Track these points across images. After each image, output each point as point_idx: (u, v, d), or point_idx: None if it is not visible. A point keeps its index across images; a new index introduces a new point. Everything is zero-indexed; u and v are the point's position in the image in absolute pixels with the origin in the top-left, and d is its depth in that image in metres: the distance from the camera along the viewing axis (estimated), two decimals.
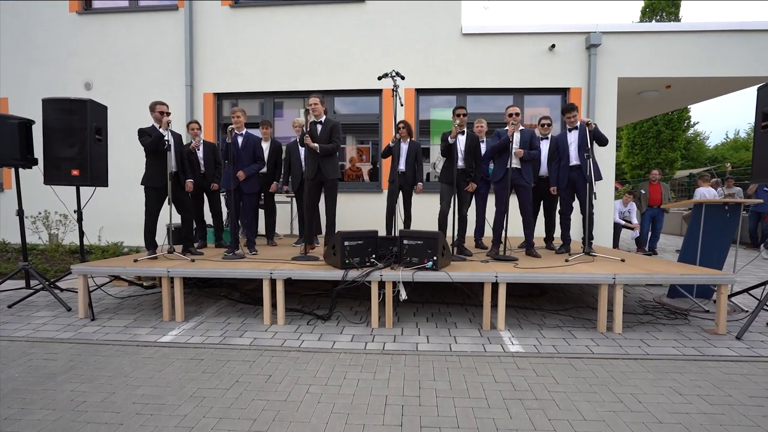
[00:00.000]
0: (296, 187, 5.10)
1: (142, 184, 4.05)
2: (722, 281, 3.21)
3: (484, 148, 4.72)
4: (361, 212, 6.65)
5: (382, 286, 3.34)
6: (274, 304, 3.46)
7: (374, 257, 3.58)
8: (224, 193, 5.00)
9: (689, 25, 6.63)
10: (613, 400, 2.18)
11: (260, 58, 6.90)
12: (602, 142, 4.29)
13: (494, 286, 3.31)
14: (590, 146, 4.16)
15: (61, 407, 2.09)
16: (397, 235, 3.69)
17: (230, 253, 4.06)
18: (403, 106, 4.09)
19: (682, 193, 14.40)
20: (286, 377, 2.44)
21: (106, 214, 6.71)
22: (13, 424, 1.95)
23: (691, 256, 3.95)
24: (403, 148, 4.90)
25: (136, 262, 3.79)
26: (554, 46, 6.51)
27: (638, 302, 4.12)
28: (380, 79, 3.95)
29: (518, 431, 1.89)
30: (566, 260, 3.94)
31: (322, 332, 3.23)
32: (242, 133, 4.43)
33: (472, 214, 4.87)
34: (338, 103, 7.10)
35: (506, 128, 4.23)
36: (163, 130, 3.97)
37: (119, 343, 3.02)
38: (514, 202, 4.59)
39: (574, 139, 4.40)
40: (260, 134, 5.08)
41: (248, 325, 3.41)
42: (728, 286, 3.31)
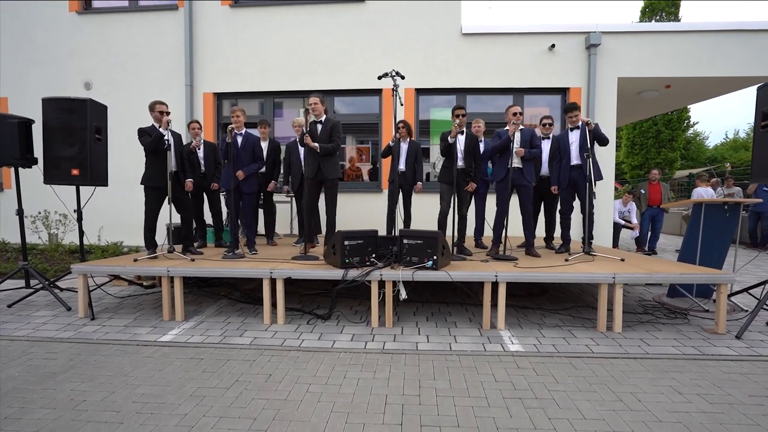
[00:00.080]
0: (296, 186, 5.11)
1: (141, 183, 4.05)
2: (722, 281, 3.22)
3: (482, 148, 4.73)
4: (361, 212, 6.66)
5: (382, 285, 3.34)
6: (274, 303, 3.46)
7: (374, 257, 3.58)
8: (224, 192, 5.01)
9: (689, 25, 6.64)
10: (613, 399, 2.18)
11: (260, 57, 6.90)
12: (603, 141, 4.30)
13: (494, 285, 3.31)
14: (591, 146, 4.17)
15: (61, 406, 2.09)
16: (397, 234, 3.69)
17: (230, 252, 4.06)
18: (403, 105, 4.10)
19: (681, 193, 14.40)
20: (286, 376, 2.44)
21: (105, 213, 6.72)
22: (13, 423, 1.95)
23: (690, 255, 3.96)
24: (402, 147, 4.91)
25: (136, 261, 3.79)
26: (554, 46, 6.52)
27: (638, 302, 4.13)
28: (380, 78, 3.96)
29: (518, 430, 1.89)
30: (566, 260, 3.94)
31: (322, 331, 3.23)
32: (242, 132, 4.44)
33: (471, 214, 4.88)
34: (338, 102, 7.10)
35: (506, 128, 4.24)
36: (162, 129, 3.97)
37: (119, 342, 3.02)
38: (514, 201, 4.59)
39: (575, 138, 4.40)
40: (258, 134, 5.09)
41: (248, 324, 3.41)
42: (728, 285, 3.31)
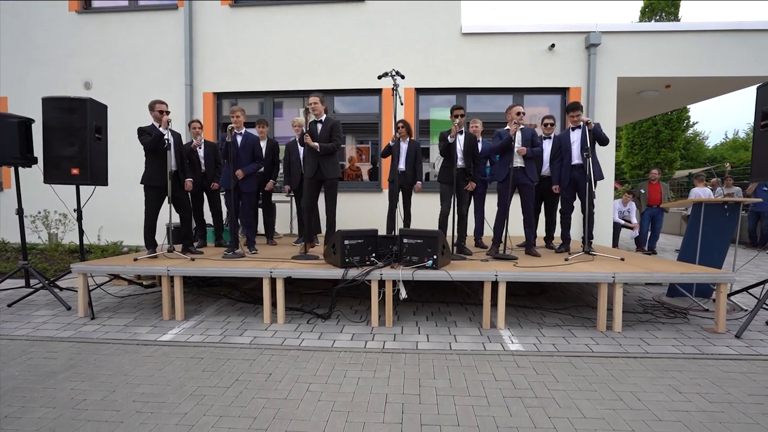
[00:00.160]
0: (296, 186, 5.11)
1: (141, 183, 4.05)
2: (721, 280, 3.22)
3: (480, 147, 4.73)
4: (360, 211, 6.66)
5: (382, 284, 3.34)
6: (274, 302, 3.46)
7: (374, 256, 3.58)
8: (224, 192, 5.01)
9: (689, 24, 6.64)
10: (612, 398, 2.19)
11: (260, 57, 6.90)
12: (603, 141, 4.30)
13: (494, 284, 3.31)
14: (591, 146, 4.17)
15: (61, 405, 2.09)
16: (397, 234, 3.69)
17: (230, 252, 4.06)
18: (402, 105, 4.10)
19: (681, 192, 14.43)
20: (286, 376, 2.44)
21: (105, 213, 6.71)
22: (13, 422, 1.95)
23: (690, 255, 3.96)
24: (402, 147, 4.91)
25: (136, 261, 3.79)
26: (554, 45, 6.52)
27: (638, 301, 4.13)
28: (380, 78, 3.96)
29: (518, 429, 1.89)
30: (566, 259, 3.94)
31: (322, 331, 3.23)
32: (241, 132, 4.44)
33: (471, 213, 4.88)
34: (338, 102, 7.10)
35: (507, 128, 4.24)
36: (162, 129, 3.97)
37: (119, 341, 3.02)
38: (514, 201, 4.59)
39: (576, 138, 4.40)
40: (257, 133, 5.09)
41: (248, 323, 3.41)
42: (727, 284, 3.30)
